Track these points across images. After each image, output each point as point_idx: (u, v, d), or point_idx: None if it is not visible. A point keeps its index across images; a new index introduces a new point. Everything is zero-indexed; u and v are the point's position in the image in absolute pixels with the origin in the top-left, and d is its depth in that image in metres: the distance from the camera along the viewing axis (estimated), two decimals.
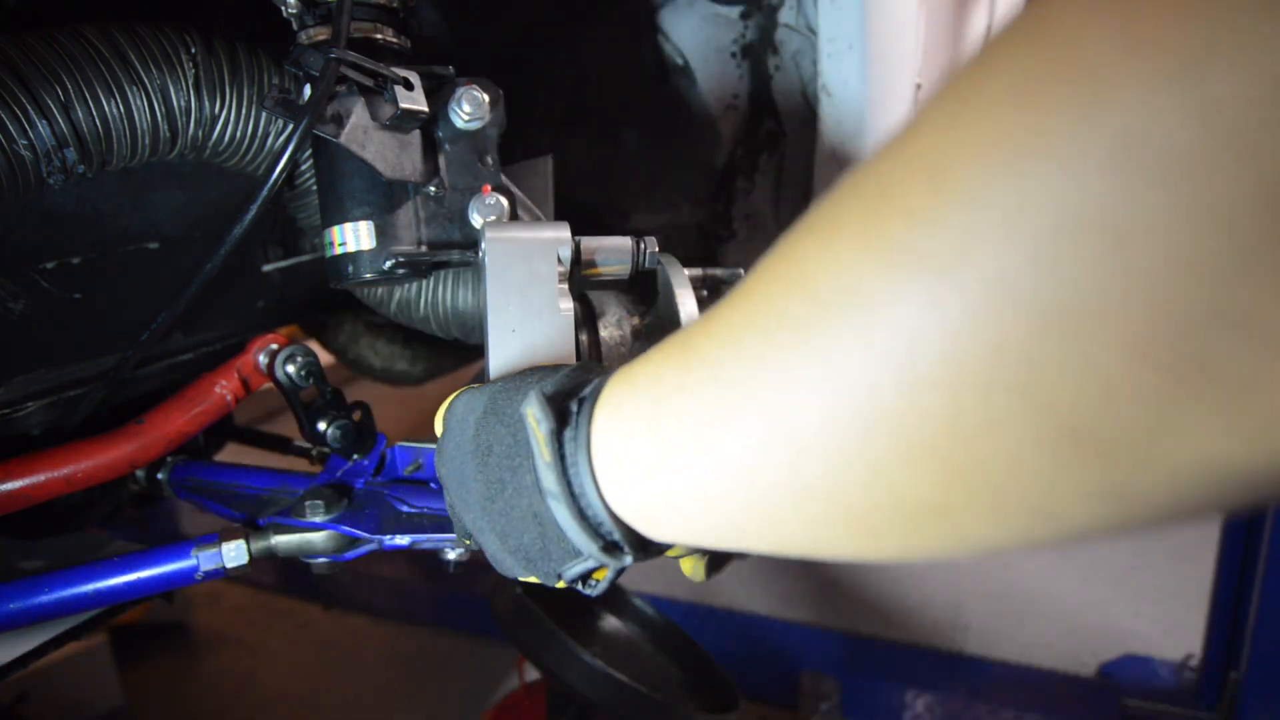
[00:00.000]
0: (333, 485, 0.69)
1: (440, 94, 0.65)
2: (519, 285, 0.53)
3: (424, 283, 0.73)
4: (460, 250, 0.66)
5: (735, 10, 1.04)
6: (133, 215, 0.75)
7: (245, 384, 0.77)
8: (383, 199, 0.64)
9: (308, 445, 0.87)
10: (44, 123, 0.55)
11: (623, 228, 1.17)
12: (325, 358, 0.94)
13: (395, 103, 0.59)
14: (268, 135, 0.65)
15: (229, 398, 0.77)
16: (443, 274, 0.74)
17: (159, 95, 0.59)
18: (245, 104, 0.63)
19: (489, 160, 0.67)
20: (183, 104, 0.61)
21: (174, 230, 0.79)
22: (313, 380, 0.74)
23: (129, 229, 0.76)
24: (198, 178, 0.78)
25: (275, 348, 0.75)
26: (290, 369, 0.74)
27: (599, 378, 0.39)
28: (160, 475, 0.82)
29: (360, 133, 0.60)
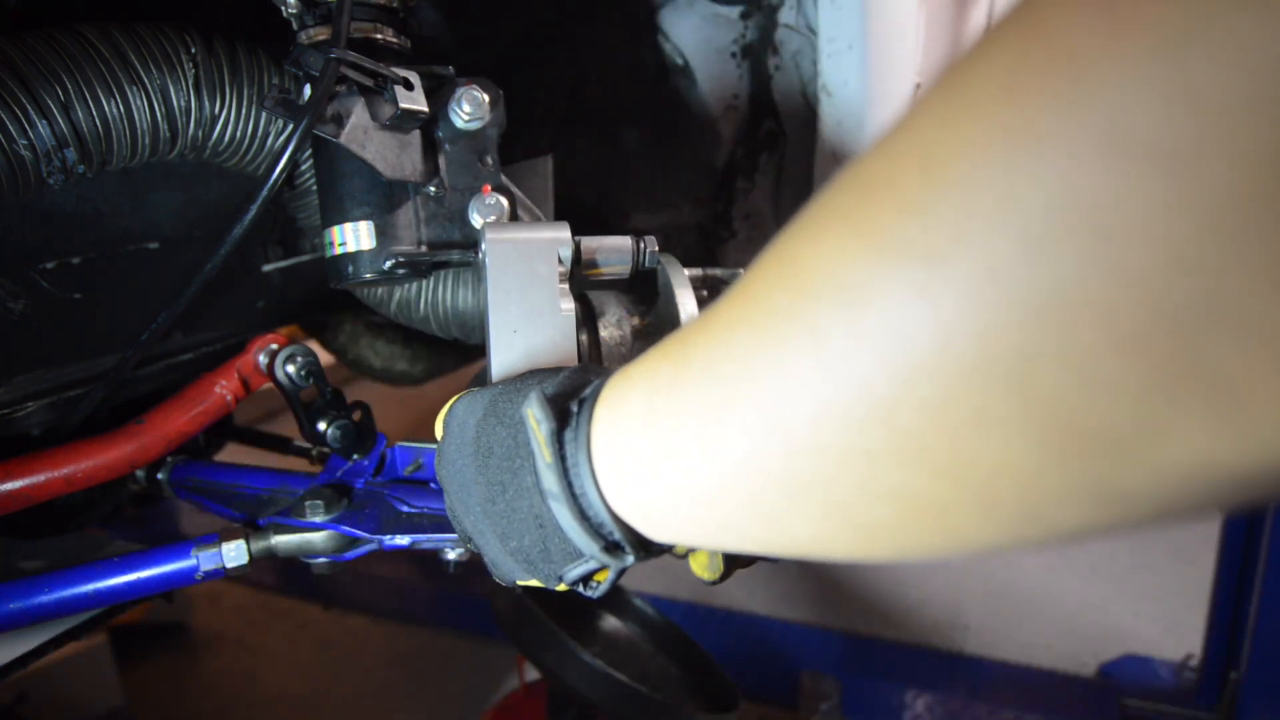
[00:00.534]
0: (333, 485, 0.69)
1: (440, 94, 0.65)
2: (520, 286, 0.53)
3: (424, 283, 0.73)
4: (460, 250, 0.66)
5: (735, 10, 1.04)
6: (133, 215, 0.75)
7: (245, 384, 0.77)
8: (383, 199, 0.64)
9: (308, 445, 0.87)
10: (44, 123, 0.55)
11: (623, 228, 1.17)
12: (325, 358, 0.94)
13: (395, 103, 0.59)
14: (268, 135, 0.65)
15: (229, 398, 0.77)
16: (443, 274, 0.74)
17: (159, 95, 0.59)
18: (245, 104, 0.63)
19: (489, 160, 0.67)
20: (183, 104, 0.61)
21: (174, 230, 0.79)
22: (313, 380, 0.74)
23: (129, 229, 0.76)
24: (198, 178, 0.78)
25: (275, 348, 0.75)
26: (290, 369, 0.74)
27: (599, 378, 0.39)
28: (160, 475, 0.82)
29: (360, 133, 0.60)
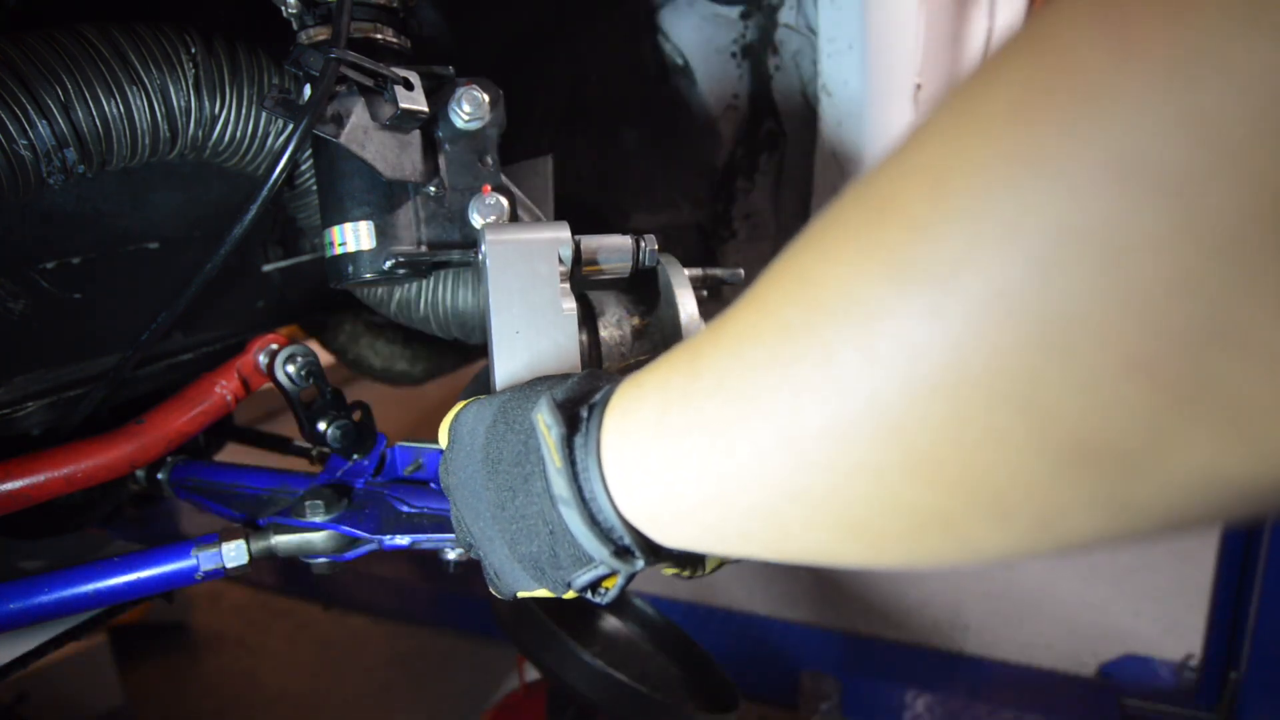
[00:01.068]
0: (333, 485, 0.69)
1: (440, 94, 0.65)
2: (520, 286, 0.53)
3: (424, 283, 0.73)
4: (460, 250, 0.66)
5: (735, 10, 1.04)
6: (133, 215, 0.75)
7: (245, 384, 0.77)
8: (383, 199, 0.64)
9: (308, 445, 0.87)
10: (44, 123, 0.55)
11: (623, 228, 1.17)
12: (325, 358, 0.94)
13: (395, 103, 0.59)
14: (268, 135, 0.65)
15: (229, 398, 0.77)
16: (443, 274, 0.74)
17: (159, 95, 0.59)
18: (245, 104, 0.63)
19: (489, 160, 0.67)
20: (183, 104, 0.61)
21: (174, 230, 0.79)
22: (313, 380, 0.74)
23: (129, 229, 0.76)
24: (198, 178, 0.78)
25: (275, 348, 0.75)
26: (290, 369, 0.74)
27: (609, 384, 0.39)
28: (160, 475, 0.82)
29: (360, 133, 0.60)
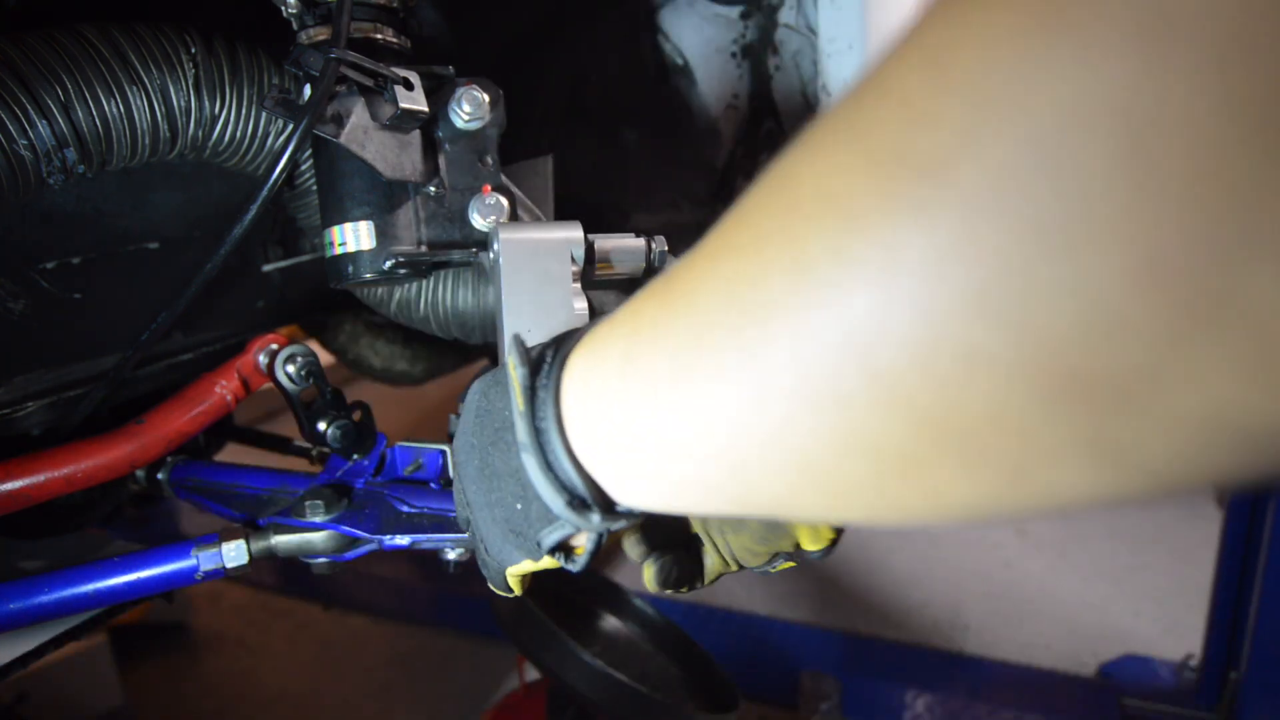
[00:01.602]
0: (333, 485, 0.69)
1: (440, 94, 0.65)
2: (533, 285, 0.53)
3: (424, 283, 0.73)
4: (461, 250, 0.66)
5: (735, 10, 1.04)
6: (133, 215, 0.75)
7: (245, 384, 0.77)
8: (383, 199, 0.64)
9: (308, 445, 0.87)
10: (44, 123, 0.55)
11: (623, 227, 1.17)
12: (325, 358, 0.94)
13: (395, 103, 0.59)
14: (268, 135, 0.65)
15: (229, 398, 0.77)
16: (443, 274, 0.74)
17: (159, 95, 0.59)
18: (245, 104, 0.63)
19: (489, 160, 0.67)
20: (183, 104, 0.61)
21: (174, 230, 0.79)
22: (313, 380, 0.74)
23: (129, 229, 0.76)
24: (198, 178, 0.78)
25: (275, 348, 0.75)
26: (290, 369, 0.74)
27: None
28: (160, 475, 0.82)
29: (360, 133, 0.60)
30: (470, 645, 2.00)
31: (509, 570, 0.44)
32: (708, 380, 0.26)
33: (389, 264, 0.64)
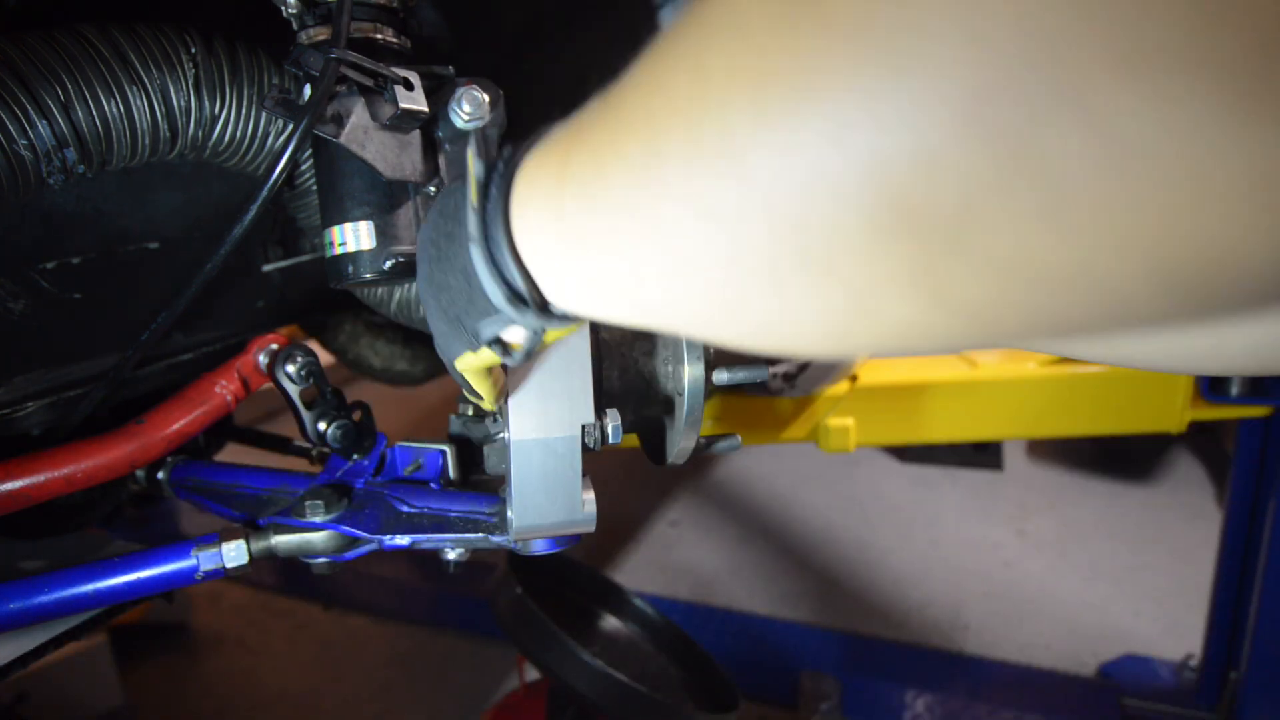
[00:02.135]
0: (333, 485, 0.69)
1: (440, 94, 0.65)
2: None
3: None
4: None
5: None
6: (133, 215, 0.75)
7: (245, 384, 0.77)
8: (383, 199, 0.64)
9: (308, 445, 0.87)
10: (44, 123, 0.55)
11: None
12: (325, 358, 0.94)
13: (395, 103, 0.59)
14: (268, 135, 0.65)
15: (229, 398, 0.77)
16: None
17: (159, 95, 0.59)
18: (245, 104, 0.63)
19: None
20: (183, 104, 0.61)
21: (174, 230, 0.79)
22: (313, 380, 0.74)
23: (129, 229, 0.76)
24: (198, 178, 0.78)
25: (275, 348, 0.75)
26: (290, 369, 0.74)
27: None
28: (160, 475, 0.82)
29: (360, 133, 0.60)
30: (470, 645, 2.00)
31: (456, 362, 0.45)
32: (618, 191, 0.28)
33: (389, 264, 0.64)
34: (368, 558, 0.66)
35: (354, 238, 0.64)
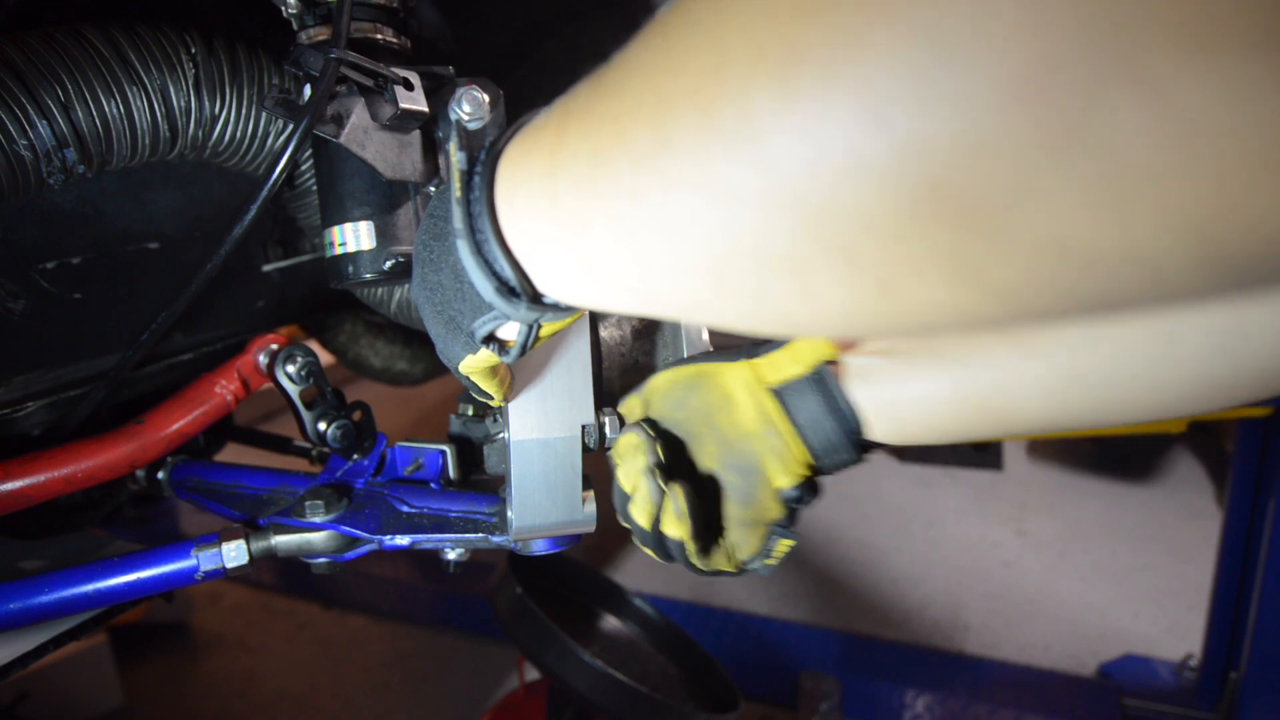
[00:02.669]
0: (333, 485, 0.69)
1: (440, 94, 0.65)
2: None
3: None
4: None
5: None
6: (133, 215, 0.75)
7: (245, 384, 0.77)
8: (383, 199, 0.64)
9: (308, 445, 0.87)
10: (44, 123, 0.55)
11: None
12: (325, 358, 0.94)
13: (395, 103, 0.59)
14: (268, 135, 0.65)
15: (229, 398, 0.77)
16: None
17: (159, 95, 0.59)
18: (245, 104, 0.63)
19: None
20: (183, 104, 0.61)
21: (174, 230, 0.79)
22: (313, 380, 0.74)
23: (129, 229, 0.76)
24: (198, 178, 0.78)
25: (275, 348, 0.75)
26: (290, 369, 0.74)
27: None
28: (160, 475, 0.82)
29: (360, 133, 0.60)
30: (470, 645, 2.00)
31: (460, 366, 0.44)
32: (621, 177, 0.26)
33: (389, 264, 0.64)
34: (368, 558, 0.66)
35: (354, 238, 0.64)
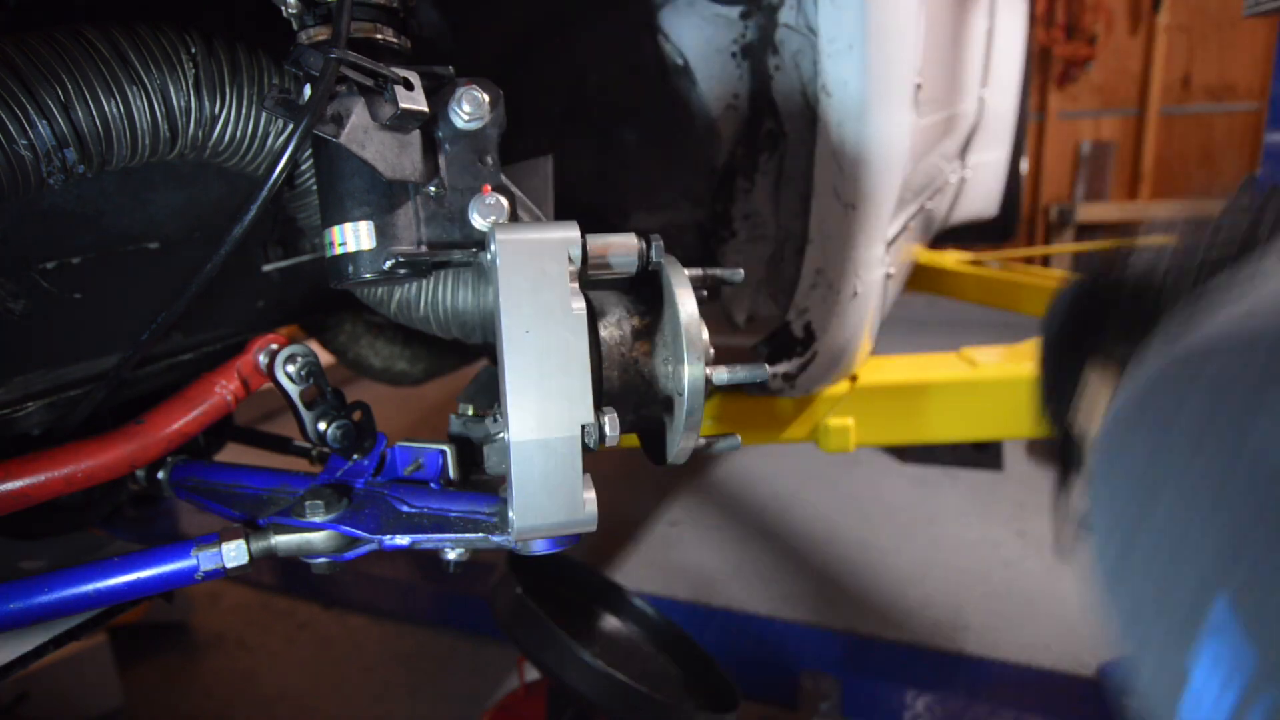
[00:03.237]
0: (333, 485, 0.69)
1: (440, 94, 0.65)
2: (531, 286, 0.53)
3: (424, 283, 0.73)
4: (461, 250, 0.66)
5: (735, 10, 1.04)
6: (133, 215, 0.75)
7: (245, 384, 0.77)
8: (383, 199, 0.64)
9: (308, 445, 0.87)
10: (44, 123, 0.55)
11: (623, 227, 1.17)
12: (325, 358, 0.94)
13: (395, 103, 0.59)
14: (268, 135, 0.65)
15: (229, 398, 0.77)
16: (443, 274, 0.74)
17: (159, 95, 0.59)
18: (245, 104, 0.63)
19: (489, 160, 0.67)
20: (183, 104, 0.61)
21: (174, 230, 0.79)
22: (313, 380, 0.74)
23: (129, 229, 0.76)
24: (198, 178, 0.78)
25: (275, 348, 0.75)
26: (290, 369, 0.74)
27: None
28: (160, 475, 0.82)
29: (360, 133, 0.60)
30: (470, 645, 2.00)
31: None
32: None
33: (389, 264, 0.64)
34: (368, 558, 0.66)
35: (354, 238, 0.64)
